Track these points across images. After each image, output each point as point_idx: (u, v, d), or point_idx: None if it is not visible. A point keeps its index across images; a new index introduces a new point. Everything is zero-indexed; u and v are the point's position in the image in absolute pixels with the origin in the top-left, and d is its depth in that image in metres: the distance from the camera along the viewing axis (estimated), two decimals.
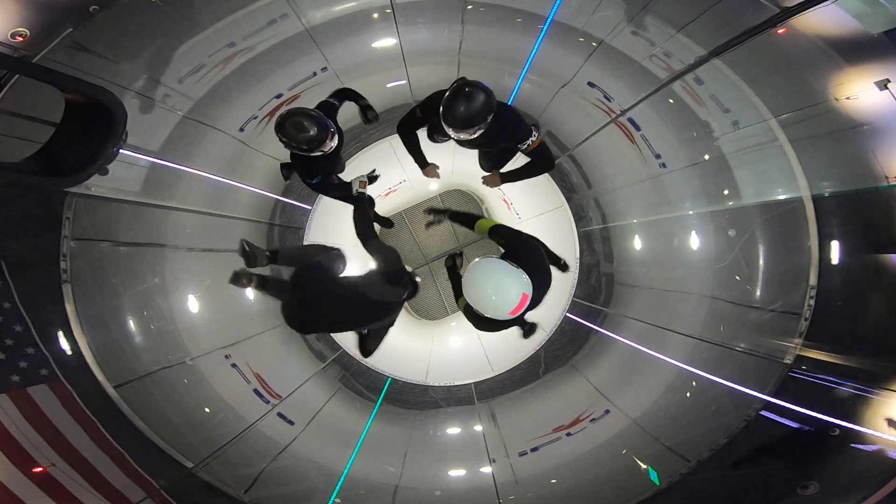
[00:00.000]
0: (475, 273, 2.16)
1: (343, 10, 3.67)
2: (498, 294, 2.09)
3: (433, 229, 7.55)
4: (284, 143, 2.48)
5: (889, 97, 2.54)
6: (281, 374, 4.28)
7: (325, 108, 2.84)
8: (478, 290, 2.14)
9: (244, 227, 4.53)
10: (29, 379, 2.65)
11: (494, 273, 2.13)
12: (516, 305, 2.09)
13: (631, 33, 3.51)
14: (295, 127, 2.41)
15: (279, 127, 2.42)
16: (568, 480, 3.71)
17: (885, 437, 2.38)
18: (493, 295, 2.10)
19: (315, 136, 2.45)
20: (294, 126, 2.41)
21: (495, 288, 2.10)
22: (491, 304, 2.11)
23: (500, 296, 2.08)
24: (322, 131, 2.47)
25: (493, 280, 2.11)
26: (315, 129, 2.44)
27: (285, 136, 2.43)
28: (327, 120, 2.52)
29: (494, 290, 2.09)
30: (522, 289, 2.09)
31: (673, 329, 3.91)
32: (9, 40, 2.38)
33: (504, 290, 2.08)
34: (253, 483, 3.41)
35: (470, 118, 2.28)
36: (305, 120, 2.43)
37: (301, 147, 2.47)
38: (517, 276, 2.12)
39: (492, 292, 2.10)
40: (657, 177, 4.07)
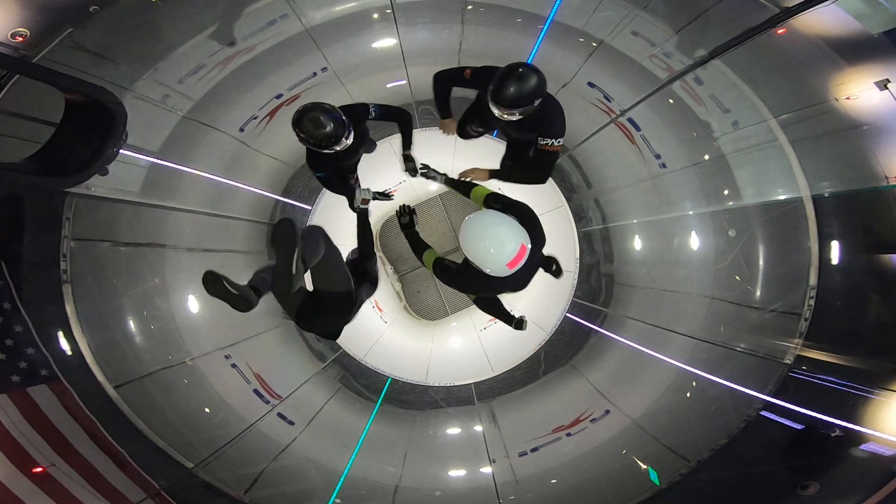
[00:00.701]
0: (471, 227, 2.09)
1: (343, 11, 3.67)
2: (496, 245, 2.01)
3: (432, 228, 7.55)
4: (301, 138, 2.46)
5: (889, 97, 2.54)
6: (281, 374, 4.28)
7: (358, 110, 2.78)
8: (475, 243, 2.06)
9: (244, 228, 4.53)
10: (29, 379, 2.65)
11: (491, 224, 2.06)
12: (514, 256, 2.01)
13: (631, 33, 3.51)
14: (312, 123, 2.38)
15: (296, 122, 2.40)
16: (568, 481, 3.70)
17: (885, 437, 2.38)
18: (491, 247, 2.02)
19: (331, 132, 2.42)
20: (311, 122, 2.38)
21: (493, 239, 2.02)
22: (490, 257, 2.03)
23: (498, 247, 2.01)
24: (338, 128, 2.43)
25: (489, 231, 2.05)
26: (331, 125, 2.40)
27: (302, 131, 2.41)
28: (343, 117, 2.49)
29: (492, 242, 2.02)
30: (521, 239, 2.03)
31: (673, 329, 3.91)
32: (9, 40, 2.39)
33: (501, 241, 2.01)
34: (253, 483, 3.41)
35: (518, 97, 2.21)
36: (322, 116, 2.40)
37: (318, 143, 2.45)
38: (513, 225, 2.06)
39: (489, 244, 2.02)
40: (657, 177, 4.07)
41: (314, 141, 2.42)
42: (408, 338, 6.60)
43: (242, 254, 4.56)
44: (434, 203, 7.53)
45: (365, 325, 5.97)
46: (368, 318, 6.25)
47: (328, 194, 4.45)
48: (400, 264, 7.66)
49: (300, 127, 2.38)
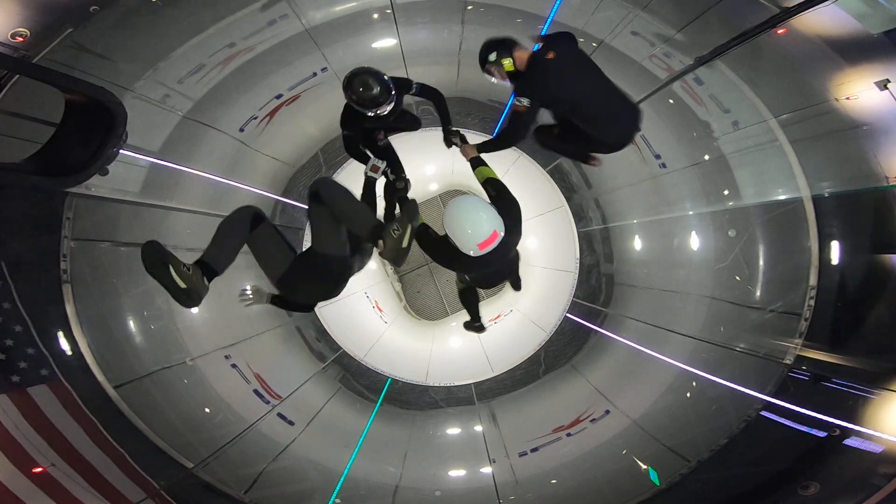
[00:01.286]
0: (454, 206, 2.34)
1: (343, 11, 3.68)
2: (472, 226, 2.25)
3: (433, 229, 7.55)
4: (348, 96, 2.64)
5: (889, 97, 2.54)
6: (281, 374, 4.28)
7: (402, 84, 2.93)
8: (455, 220, 2.30)
9: None
10: (29, 379, 2.65)
11: (472, 208, 2.30)
12: (486, 238, 2.23)
13: (631, 33, 3.51)
14: (362, 84, 2.58)
15: (348, 81, 2.59)
16: (568, 481, 3.70)
17: (885, 437, 2.38)
18: (469, 227, 2.26)
19: (376, 95, 2.60)
20: (362, 83, 2.58)
21: (471, 220, 2.26)
22: (465, 236, 2.26)
23: (474, 227, 2.24)
24: (384, 93, 2.61)
25: (470, 213, 2.28)
26: (378, 88, 2.59)
27: (352, 91, 2.59)
28: (391, 85, 2.66)
29: (470, 223, 2.26)
30: (494, 225, 2.25)
31: (673, 329, 3.91)
32: (9, 40, 2.38)
33: (479, 223, 2.25)
34: (253, 483, 3.41)
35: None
36: (372, 79, 2.59)
37: (362, 103, 2.61)
38: (492, 213, 2.29)
39: (467, 224, 2.26)
40: (657, 177, 4.07)
41: (358, 100, 2.59)
42: (408, 338, 6.60)
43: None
44: (434, 203, 7.53)
45: (365, 325, 5.97)
46: (368, 319, 6.25)
47: None
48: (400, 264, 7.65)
49: (350, 87, 2.58)
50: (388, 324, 6.50)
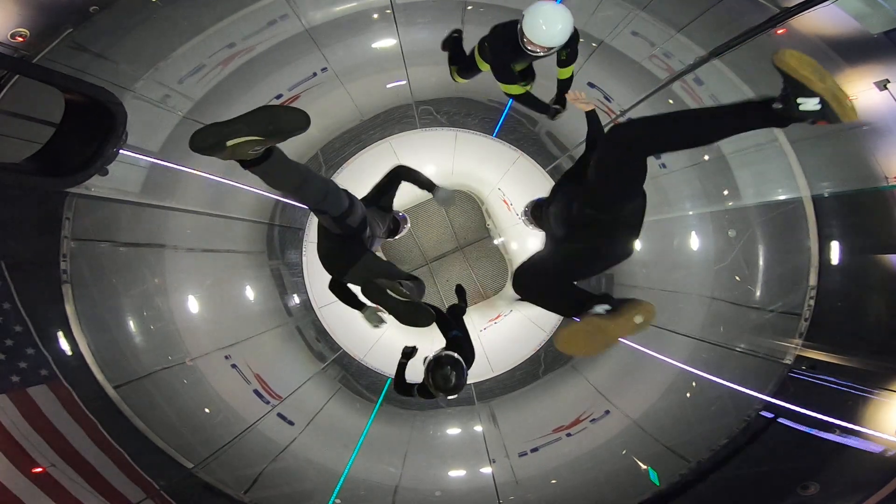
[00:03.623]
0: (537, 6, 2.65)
1: (343, 11, 3.68)
2: (548, 22, 2.62)
3: (433, 230, 7.55)
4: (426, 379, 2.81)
5: (889, 97, 2.54)
6: (281, 374, 4.28)
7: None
8: (534, 15, 2.63)
9: (244, 227, 4.53)
10: (29, 379, 2.64)
11: (553, 8, 2.62)
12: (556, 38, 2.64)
13: (631, 33, 3.51)
14: (443, 378, 2.74)
15: (433, 378, 2.77)
16: (568, 481, 3.70)
17: (884, 437, 2.38)
18: (544, 24, 2.61)
19: (456, 385, 2.74)
20: (443, 378, 2.74)
21: (547, 17, 2.63)
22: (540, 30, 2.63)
23: (550, 24, 2.62)
24: (460, 380, 2.75)
25: (550, 11, 2.63)
26: (455, 379, 2.74)
27: (433, 380, 2.76)
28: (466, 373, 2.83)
29: (546, 20, 2.62)
30: (568, 27, 2.65)
31: (673, 329, 3.91)
32: (9, 40, 2.38)
33: (554, 20, 2.63)
34: (253, 483, 3.41)
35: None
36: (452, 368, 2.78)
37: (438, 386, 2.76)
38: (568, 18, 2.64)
39: (542, 21, 2.62)
40: (657, 177, 4.07)
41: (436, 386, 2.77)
42: (408, 338, 6.59)
43: (243, 254, 4.56)
44: (434, 203, 7.53)
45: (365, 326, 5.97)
46: None
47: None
48: (400, 264, 7.66)
49: (433, 378, 2.77)
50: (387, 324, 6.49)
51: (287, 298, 4.87)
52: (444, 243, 7.70)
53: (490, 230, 7.59)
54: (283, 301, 4.83)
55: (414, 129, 5.01)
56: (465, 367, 2.84)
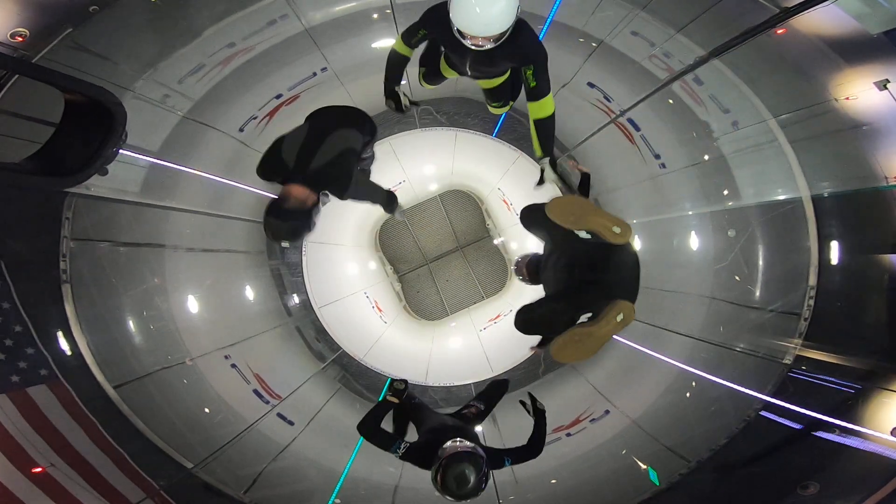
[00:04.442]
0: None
1: (343, 11, 3.67)
2: (481, 3, 1.91)
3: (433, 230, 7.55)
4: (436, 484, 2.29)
5: (889, 97, 2.55)
6: (281, 374, 4.28)
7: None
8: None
9: (244, 227, 4.53)
10: (29, 379, 2.65)
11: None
12: (491, 26, 1.94)
13: (631, 33, 3.51)
14: (458, 480, 2.25)
15: (442, 480, 2.24)
16: (568, 481, 3.70)
17: (884, 436, 2.38)
18: (477, 5, 1.91)
19: (475, 486, 2.28)
20: (457, 479, 2.25)
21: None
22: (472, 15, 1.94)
23: (484, 5, 1.90)
24: (482, 481, 2.29)
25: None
26: (474, 479, 2.26)
27: (446, 490, 2.25)
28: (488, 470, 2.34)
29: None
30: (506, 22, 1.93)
31: (673, 329, 3.91)
32: (9, 40, 2.38)
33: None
34: (253, 483, 3.41)
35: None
36: (468, 470, 2.25)
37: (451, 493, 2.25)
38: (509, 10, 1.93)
39: (475, 2, 1.91)
40: (657, 177, 4.07)
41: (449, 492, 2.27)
42: (407, 338, 6.60)
43: (242, 254, 4.56)
44: (434, 203, 7.53)
45: (365, 325, 5.97)
46: (368, 319, 6.25)
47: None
48: (400, 264, 7.66)
49: (444, 483, 2.26)
50: (387, 324, 6.50)
51: (287, 298, 4.87)
52: (444, 243, 7.70)
53: (490, 230, 7.60)
54: (283, 301, 4.83)
55: (414, 129, 5.02)
56: (486, 464, 2.31)
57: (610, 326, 2.03)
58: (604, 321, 2.04)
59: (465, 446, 2.33)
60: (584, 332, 2.09)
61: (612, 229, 2.06)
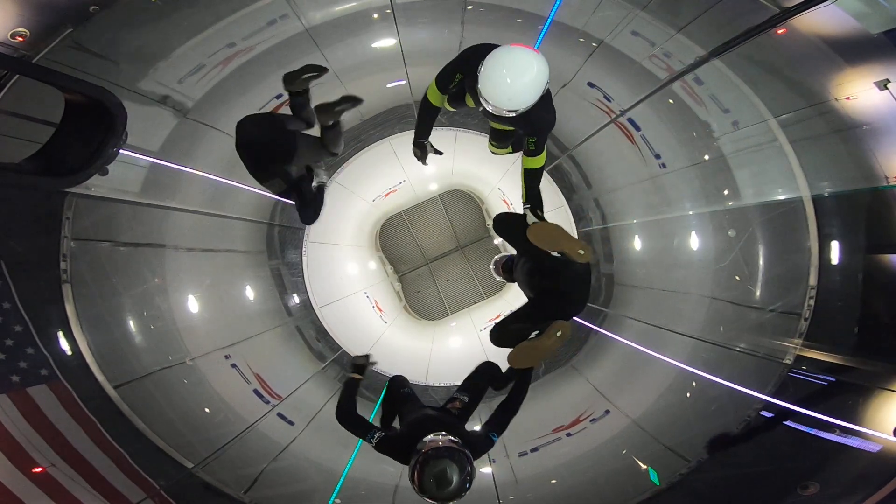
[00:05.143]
0: (501, 53, 2.07)
1: (343, 11, 3.67)
2: (513, 75, 2.02)
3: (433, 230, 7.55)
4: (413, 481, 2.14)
5: (889, 97, 2.54)
6: (281, 374, 4.28)
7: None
8: (496, 61, 2.05)
9: (244, 227, 4.53)
10: (29, 379, 2.65)
11: (528, 58, 2.03)
12: (521, 95, 2.06)
13: (631, 33, 3.51)
14: (437, 480, 2.06)
15: (419, 479, 2.08)
16: (568, 481, 3.70)
17: (884, 437, 2.38)
18: (509, 76, 2.02)
19: (457, 487, 2.04)
20: (436, 478, 2.06)
21: (526, 71, 2.02)
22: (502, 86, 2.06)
23: (515, 76, 2.02)
24: (466, 481, 2.06)
25: (525, 64, 2.03)
26: (457, 476, 2.04)
27: (424, 491, 2.08)
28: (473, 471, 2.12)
29: (523, 73, 2.02)
30: (538, 80, 2.03)
31: (673, 329, 3.91)
32: (9, 40, 2.38)
33: (537, 73, 2.02)
34: (253, 483, 3.41)
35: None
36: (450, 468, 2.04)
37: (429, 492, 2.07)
38: (537, 83, 2.05)
39: (521, 75, 2.02)
40: (657, 177, 4.07)
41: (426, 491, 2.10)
42: (408, 338, 6.61)
43: (242, 254, 4.56)
44: (434, 203, 7.54)
45: (365, 325, 5.98)
46: (368, 318, 6.25)
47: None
48: (400, 264, 7.67)
49: (421, 482, 2.12)
50: (387, 324, 6.50)
51: (287, 298, 4.88)
52: (444, 243, 7.71)
53: (490, 230, 7.60)
54: (283, 301, 4.84)
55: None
56: (470, 462, 2.07)
57: (551, 341, 2.65)
58: (545, 337, 2.65)
59: (448, 441, 2.13)
60: (530, 346, 2.74)
61: (578, 251, 2.52)
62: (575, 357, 4.73)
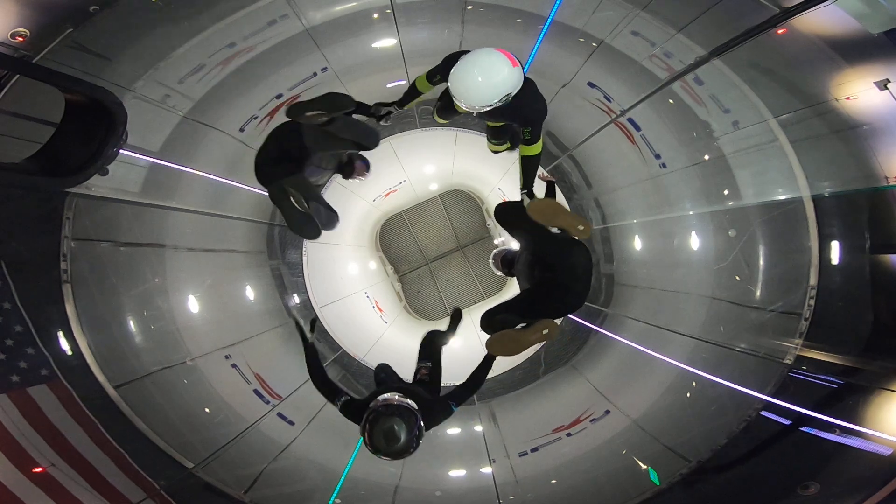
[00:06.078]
0: (472, 55, 2.18)
1: (343, 11, 3.67)
2: (484, 73, 2.12)
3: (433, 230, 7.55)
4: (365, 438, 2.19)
5: (889, 97, 2.54)
6: (281, 374, 4.28)
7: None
8: (465, 67, 2.16)
9: (244, 227, 4.54)
10: (29, 379, 2.65)
11: (489, 58, 2.14)
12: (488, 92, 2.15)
13: (631, 33, 3.51)
14: (386, 435, 2.11)
15: (370, 435, 2.13)
16: (568, 481, 3.70)
17: (885, 436, 2.38)
18: (479, 75, 2.13)
19: (405, 444, 2.11)
20: (385, 434, 2.11)
21: (484, 69, 2.13)
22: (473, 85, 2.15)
23: (486, 75, 2.12)
24: (413, 440, 2.13)
25: (485, 63, 2.14)
26: (405, 437, 2.10)
27: (374, 447, 2.13)
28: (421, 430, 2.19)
29: (482, 71, 2.13)
30: (503, 84, 2.12)
31: (673, 329, 3.91)
32: (9, 40, 2.38)
33: (493, 71, 2.11)
34: (253, 483, 3.41)
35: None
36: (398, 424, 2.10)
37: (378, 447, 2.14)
38: (512, 73, 2.13)
39: (478, 73, 2.13)
40: (657, 177, 4.07)
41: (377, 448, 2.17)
42: (408, 338, 6.60)
43: (242, 254, 4.56)
44: (434, 203, 7.54)
45: (365, 325, 5.98)
46: (368, 318, 6.25)
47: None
48: (400, 264, 7.67)
49: (371, 437, 2.16)
50: (388, 324, 6.51)
51: (287, 298, 4.88)
52: (444, 243, 7.71)
53: (490, 230, 7.60)
54: (283, 301, 4.84)
55: (414, 129, 5.02)
56: (419, 423, 2.15)
57: (534, 336, 2.61)
58: (530, 331, 2.62)
59: (399, 400, 2.21)
60: (513, 336, 2.67)
61: (577, 227, 2.53)
62: (575, 357, 4.73)
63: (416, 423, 2.14)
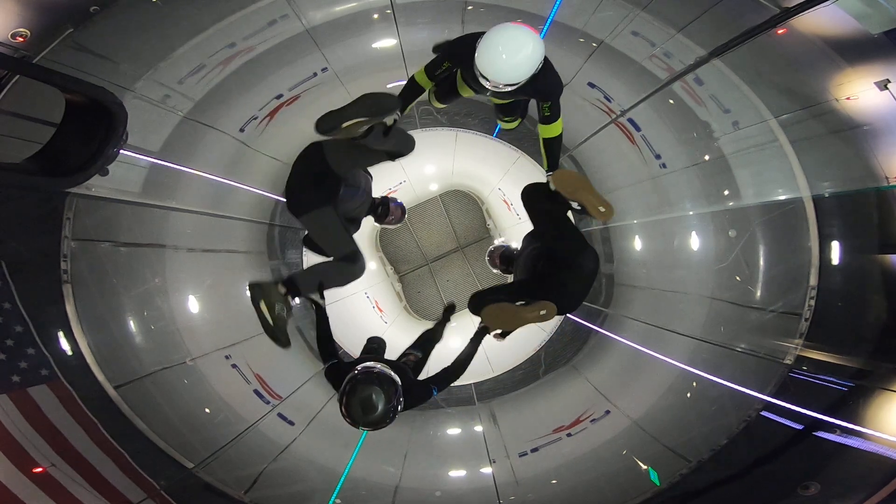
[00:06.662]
0: (495, 33, 2.14)
1: (343, 11, 3.67)
2: (509, 52, 2.09)
3: (433, 230, 7.55)
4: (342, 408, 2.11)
5: (889, 97, 2.54)
6: (281, 374, 4.28)
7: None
8: (491, 39, 2.12)
9: (244, 228, 4.53)
10: (29, 379, 2.65)
11: (516, 32, 2.11)
12: (515, 69, 2.12)
13: (631, 34, 3.51)
14: (362, 404, 2.03)
15: (347, 403, 2.05)
16: (568, 481, 3.70)
17: (885, 437, 2.38)
18: (512, 51, 2.09)
19: (381, 415, 2.05)
20: (362, 403, 2.04)
21: (514, 44, 2.09)
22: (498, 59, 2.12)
23: (518, 50, 2.09)
24: (390, 411, 2.08)
25: (513, 38, 2.11)
26: (382, 407, 2.05)
27: (349, 415, 2.07)
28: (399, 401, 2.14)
29: (515, 46, 2.09)
30: (532, 65, 2.11)
31: (673, 330, 3.91)
32: (9, 40, 2.38)
33: (523, 44, 2.08)
34: (253, 483, 3.41)
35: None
36: (376, 393, 2.04)
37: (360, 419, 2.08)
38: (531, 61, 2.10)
39: (513, 48, 2.10)
40: (657, 177, 4.07)
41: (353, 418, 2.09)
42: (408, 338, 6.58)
43: (242, 254, 4.56)
44: (434, 203, 7.53)
45: (365, 325, 5.97)
46: (368, 319, 6.25)
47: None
48: (400, 265, 7.67)
49: (349, 407, 2.07)
50: (388, 324, 6.50)
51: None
52: (444, 243, 7.70)
53: (490, 230, 7.60)
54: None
55: (414, 129, 5.02)
56: (398, 395, 2.09)
57: (532, 314, 2.47)
58: (529, 309, 2.50)
59: (381, 369, 2.14)
60: (511, 310, 2.55)
61: (597, 207, 2.40)
62: (575, 357, 4.73)
63: (394, 395, 2.07)
